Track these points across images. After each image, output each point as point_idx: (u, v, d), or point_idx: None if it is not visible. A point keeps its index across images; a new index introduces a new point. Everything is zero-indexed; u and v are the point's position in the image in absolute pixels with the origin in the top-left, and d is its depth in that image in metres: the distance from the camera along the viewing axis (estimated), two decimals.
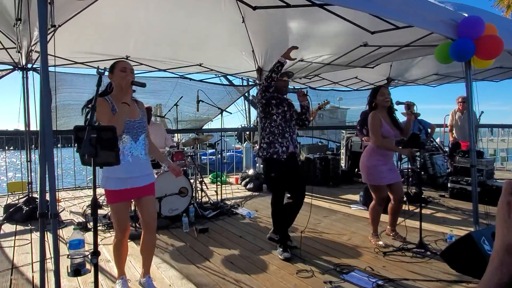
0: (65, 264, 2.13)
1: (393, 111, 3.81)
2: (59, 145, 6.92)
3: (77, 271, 1.81)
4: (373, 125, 3.71)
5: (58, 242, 1.91)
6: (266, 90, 3.47)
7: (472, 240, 3.11)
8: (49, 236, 4.11)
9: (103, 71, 1.97)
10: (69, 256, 1.84)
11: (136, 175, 2.62)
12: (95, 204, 1.81)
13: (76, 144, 1.81)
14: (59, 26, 4.02)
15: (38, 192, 1.95)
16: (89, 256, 1.79)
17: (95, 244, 1.78)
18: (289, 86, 3.77)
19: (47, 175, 1.89)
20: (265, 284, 3.01)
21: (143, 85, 2.52)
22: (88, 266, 1.93)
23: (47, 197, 2.07)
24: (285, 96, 3.76)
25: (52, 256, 1.88)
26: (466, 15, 3.75)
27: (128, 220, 2.76)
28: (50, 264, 3.35)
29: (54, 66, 4.92)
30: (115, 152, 1.88)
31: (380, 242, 3.84)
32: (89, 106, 1.86)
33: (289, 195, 3.80)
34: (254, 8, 3.48)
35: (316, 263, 3.42)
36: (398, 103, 3.76)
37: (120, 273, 2.87)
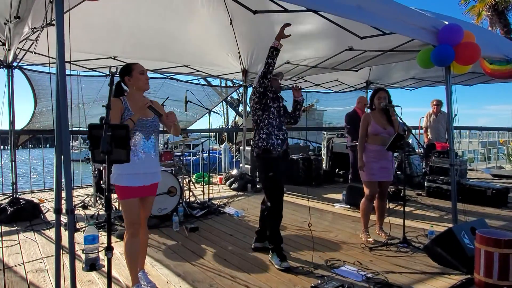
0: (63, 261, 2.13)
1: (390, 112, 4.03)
2: (45, 146, 6.81)
3: (92, 266, 1.85)
4: (360, 125, 4.05)
5: (74, 238, 1.94)
6: (265, 77, 3.37)
7: (453, 234, 3.32)
8: (37, 237, 4.12)
9: (115, 71, 2.02)
10: (84, 251, 1.88)
11: (148, 172, 2.71)
12: (109, 201, 1.86)
13: (89, 142, 1.85)
14: (48, 24, 3.98)
15: (55, 186, 1.97)
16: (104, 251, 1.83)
17: (109, 239, 1.83)
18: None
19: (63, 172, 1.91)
20: (260, 280, 3.10)
21: (159, 115, 2.71)
22: (102, 261, 1.97)
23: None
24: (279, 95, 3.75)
25: (69, 252, 1.90)
26: (447, 22, 3.98)
27: (139, 216, 2.74)
28: (42, 264, 3.37)
29: (49, 64, 4.86)
30: (126, 150, 1.94)
31: (370, 239, 4.02)
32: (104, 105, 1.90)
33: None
34: (254, 12, 3.57)
35: (307, 259, 3.54)
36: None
37: (135, 280, 2.76)
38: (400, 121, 3.96)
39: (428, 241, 3.65)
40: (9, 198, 5.00)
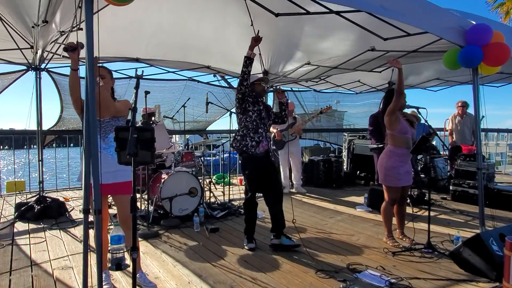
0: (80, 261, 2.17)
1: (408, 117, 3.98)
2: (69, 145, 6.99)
3: (118, 265, 1.88)
4: (389, 121, 3.86)
5: (101, 237, 1.98)
6: (241, 84, 3.75)
7: (481, 241, 3.22)
8: (62, 234, 4.23)
9: (141, 74, 2.05)
10: (110, 251, 1.92)
11: (105, 171, 2.53)
12: (134, 202, 1.88)
13: (116, 143, 1.88)
14: (76, 28, 4.05)
15: (83, 187, 2.01)
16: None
17: (134, 240, 1.85)
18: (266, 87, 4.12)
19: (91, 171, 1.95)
20: (281, 282, 3.08)
21: None
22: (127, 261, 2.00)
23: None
24: (263, 99, 4.17)
25: (96, 252, 1.94)
26: (474, 22, 3.87)
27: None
28: (67, 262, 3.45)
29: (86, 64, 4.97)
30: (151, 152, 1.96)
31: (398, 244, 3.93)
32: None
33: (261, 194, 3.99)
34: (277, 15, 3.56)
35: (328, 262, 3.51)
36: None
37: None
38: (425, 123, 3.87)
39: (454, 247, 3.55)
40: (36, 197, 5.14)
